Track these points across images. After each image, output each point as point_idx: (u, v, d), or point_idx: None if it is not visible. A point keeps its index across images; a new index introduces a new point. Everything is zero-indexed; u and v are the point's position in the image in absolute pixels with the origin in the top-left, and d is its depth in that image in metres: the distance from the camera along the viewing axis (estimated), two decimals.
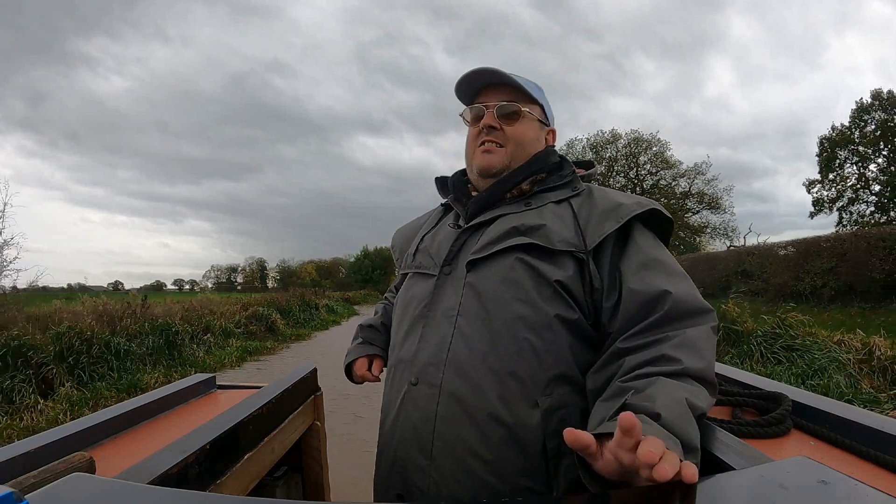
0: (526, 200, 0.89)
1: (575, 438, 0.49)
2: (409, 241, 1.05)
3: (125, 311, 6.90)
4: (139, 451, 0.83)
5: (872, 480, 0.61)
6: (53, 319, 6.06)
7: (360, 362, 1.07)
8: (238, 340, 8.95)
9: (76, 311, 6.72)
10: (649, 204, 0.83)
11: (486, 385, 0.74)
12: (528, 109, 0.93)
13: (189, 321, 8.17)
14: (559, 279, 0.77)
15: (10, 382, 4.53)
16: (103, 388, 5.18)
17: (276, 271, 64.96)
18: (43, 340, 5.26)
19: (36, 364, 4.89)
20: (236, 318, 10.02)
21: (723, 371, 1.11)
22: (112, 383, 5.39)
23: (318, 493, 1.36)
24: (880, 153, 18.49)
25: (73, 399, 4.75)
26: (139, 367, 6.06)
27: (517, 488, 0.72)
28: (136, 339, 6.50)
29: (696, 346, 0.68)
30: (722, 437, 0.69)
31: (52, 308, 6.82)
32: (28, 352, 4.88)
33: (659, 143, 25.68)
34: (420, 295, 0.88)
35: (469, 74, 0.94)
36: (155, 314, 7.62)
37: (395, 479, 0.81)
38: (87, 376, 5.31)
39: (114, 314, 6.70)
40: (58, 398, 4.67)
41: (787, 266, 11.40)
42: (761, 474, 0.48)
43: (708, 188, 24.58)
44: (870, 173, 18.76)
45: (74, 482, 0.52)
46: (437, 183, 1.07)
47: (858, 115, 19.22)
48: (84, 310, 6.67)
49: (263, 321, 10.67)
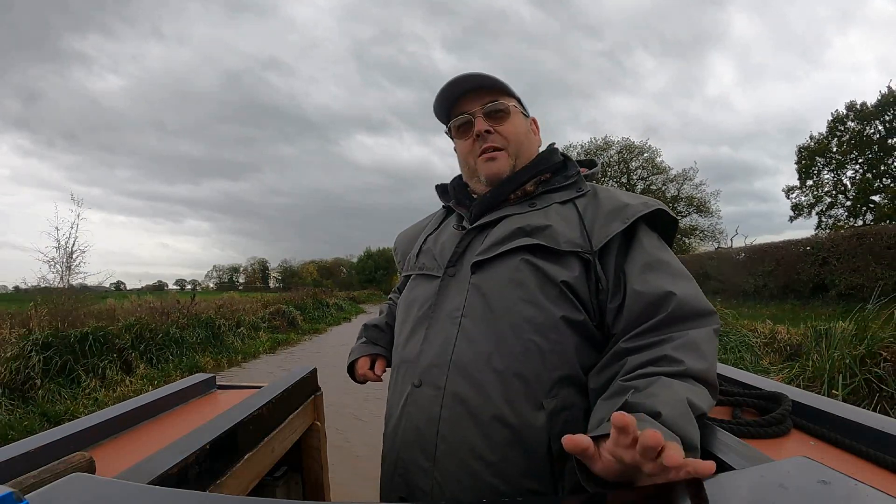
0: (530, 201, 0.88)
1: (574, 444, 0.49)
2: (411, 244, 1.04)
3: (173, 308, 8.40)
4: (139, 451, 0.83)
5: (872, 480, 0.61)
6: (113, 315, 7.41)
7: (362, 361, 1.07)
8: (266, 333, 10.37)
9: (129, 307, 8.33)
10: (655, 204, 0.82)
11: (491, 386, 0.74)
12: (512, 104, 0.92)
13: (224, 316, 9.40)
14: (565, 280, 0.77)
15: (101, 363, 5.72)
16: (170, 368, 6.47)
17: (277, 271, 65.02)
18: (117, 330, 6.46)
19: (118, 349, 6.17)
20: (260, 314, 11.42)
21: (723, 371, 1.11)
22: (176, 365, 6.63)
23: (318, 493, 1.36)
24: (855, 161, 19.98)
25: (149, 376, 6.00)
26: (192, 352, 7.40)
27: (521, 490, 0.72)
28: (187, 330, 7.82)
29: (699, 347, 0.68)
30: (722, 437, 0.69)
31: (108, 305, 8.12)
32: (113, 339, 6.19)
33: (649, 149, 26.89)
34: (424, 296, 0.87)
35: (443, 90, 0.92)
36: (197, 310, 8.96)
37: (398, 481, 0.80)
38: (156, 359, 6.61)
39: (164, 310, 8.11)
40: (136, 376, 5.90)
41: (739, 269, 13.38)
42: (761, 474, 0.48)
43: (696, 192, 25.83)
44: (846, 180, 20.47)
45: (74, 482, 0.52)
46: (437, 190, 1.07)
47: (834, 125, 20.54)
48: (136, 306, 8.44)
49: (285, 317, 12.12)
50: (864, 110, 19.31)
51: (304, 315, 13.34)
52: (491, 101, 0.90)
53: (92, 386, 5.28)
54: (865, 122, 19.39)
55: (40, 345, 5.29)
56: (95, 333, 5.96)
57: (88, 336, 5.85)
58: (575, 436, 0.50)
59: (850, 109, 19.72)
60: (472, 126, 0.91)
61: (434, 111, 0.96)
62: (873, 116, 18.98)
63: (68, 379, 5.26)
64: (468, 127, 0.92)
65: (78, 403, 4.76)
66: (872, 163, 19.39)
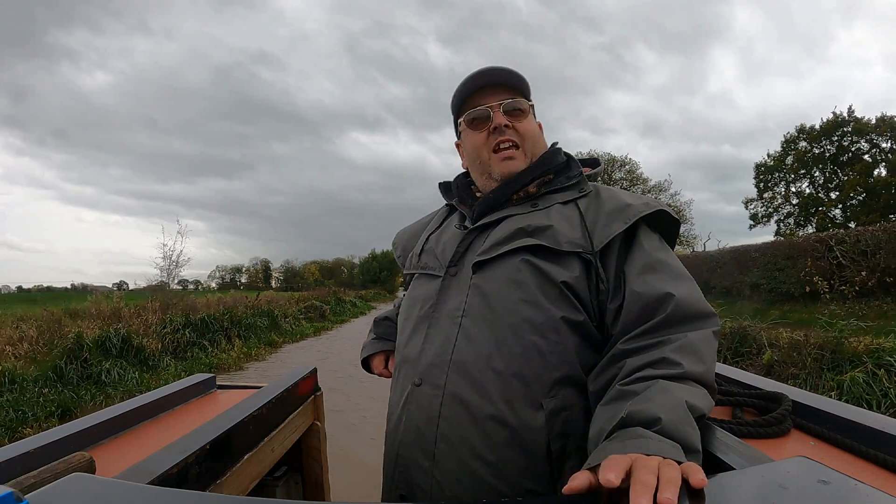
0: (533, 201, 0.88)
1: (577, 488, 0.49)
2: (412, 240, 1.04)
3: (243, 302, 11.85)
4: (139, 451, 0.83)
5: (872, 480, 0.61)
6: (195, 307, 10.13)
7: (377, 361, 1.08)
8: (306, 322, 13.56)
9: (208, 301, 11.48)
10: (657, 205, 0.82)
11: (491, 386, 0.74)
12: (529, 105, 0.92)
13: (275, 309, 12.47)
14: (566, 280, 0.76)
15: (216, 338, 8.75)
16: (255, 343, 9.47)
17: (279, 272, 65.10)
18: (220, 317, 9.38)
19: (222, 329, 9.10)
20: (294, 308, 14.57)
21: (723, 371, 1.11)
22: (256, 342, 9.57)
23: (318, 493, 1.36)
24: (803, 177, 24.11)
25: (248, 346, 9.04)
26: (264, 333, 10.41)
27: (520, 490, 0.72)
28: (256, 318, 10.85)
29: (698, 350, 0.67)
30: (722, 437, 0.69)
31: (189, 299, 10.90)
32: (218, 322, 9.13)
33: (630, 162, 29.86)
34: (425, 295, 0.87)
35: (468, 79, 0.91)
36: (257, 304, 12.17)
37: (399, 480, 0.80)
38: (244, 337, 9.56)
39: (236, 304, 11.39)
40: (237, 347, 8.75)
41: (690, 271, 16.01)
42: (761, 474, 0.48)
43: (672, 201, 27.72)
44: (792, 195, 24.72)
45: (74, 482, 0.52)
46: (440, 188, 1.06)
47: (787, 145, 24.34)
48: (215, 301, 11.78)
49: (317, 310, 15.50)
50: (811, 133, 23.11)
51: (330, 309, 16.81)
52: (511, 99, 0.90)
53: (214, 353, 8.13)
54: (813, 142, 23.11)
55: (182, 325, 8.37)
56: (209, 318, 8.99)
57: (206, 320, 8.89)
58: (574, 483, 0.49)
59: (801, 132, 23.64)
60: (488, 119, 0.90)
61: (452, 101, 0.95)
62: (823, 136, 22.54)
63: (200, 346, 8.21)
64: (484, 120, 0.91)
65: (213, 358, 7.77)
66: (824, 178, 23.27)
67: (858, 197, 21.67)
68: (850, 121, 21.54)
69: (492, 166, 0.91)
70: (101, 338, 6.61)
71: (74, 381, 5.68)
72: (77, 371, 5.82)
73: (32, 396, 5.04)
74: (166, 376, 6.41)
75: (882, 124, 20.88)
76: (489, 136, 0.90)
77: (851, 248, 10.10)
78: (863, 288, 8.96)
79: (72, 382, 5.65)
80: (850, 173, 21.56)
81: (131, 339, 6.94)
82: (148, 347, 7.10)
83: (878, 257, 9.64)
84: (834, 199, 22.48)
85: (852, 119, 21.47)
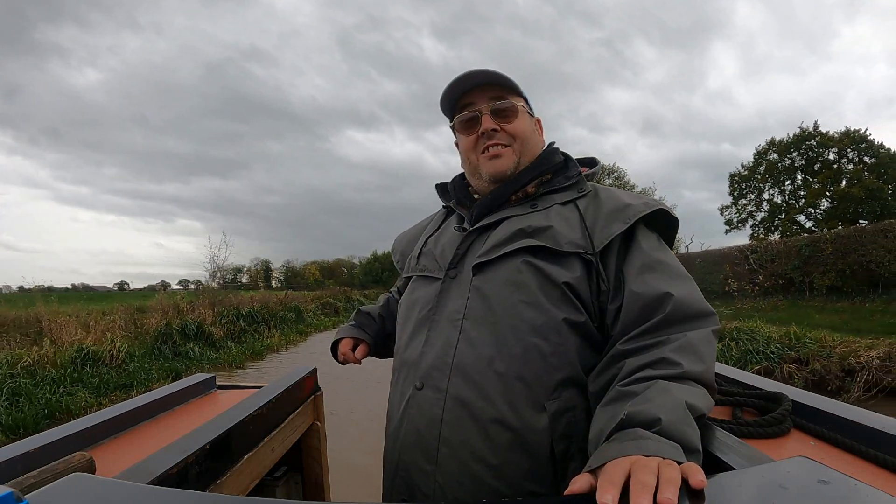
0: (532, 202, 0.87)
1: (578, 492, 0.50)
2: (410, 244, 1.04)
3: (273, 300, 14.24)
4: (139, 451, 0.83)
5: (872, 480, 0.61)
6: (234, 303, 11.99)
7: (346, 342, 1.07)
8: (325, 317, 16.12)
9: (244, 298, 13.17)
10: (656, 205, 0.82)
11: (493, 389, 0.73)
12: (520, 103, 0.91)
13: (300, 305, 15.09)
14: (567, 281, 0.76)
15: (259, 328, 11.21)
16: (290, 332, 11.82)
17: (280, 272, 65.10)
18: (259, 310, 11.97)
19: (264, 321, 11.72)
20: (312, 305, 17.01)
21: (723, 371, 1.11)
22: (289, 331, 11.91)
23: (318, 492, 1.36)
24: (773, 187, 26.00)
25: (283, 333, 11.46)
26: (295, 325, 12.95)
27: (523, 493, 0.71)
28: (285, 312, 13.33)
29: (697, 349, 0.67)
30: (722, 437, 0.69)
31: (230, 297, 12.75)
32: (257, 316, 11.66)
33: (618, 170, 30.69)
34: (425, 298, 0.86)
35: (451, 84, 0.91)
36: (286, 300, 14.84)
37: (400, 484, 0.80)
38: (279, 328, 12.01)
39: (265, 300, 13.78)
40: (275, 336, 10.99)
41: None
42: (761, 474, 0.48)
43: None
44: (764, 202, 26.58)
45: (74, 482, 0.52)
46: (437, 189, 1.06)
47: (760, 156, 26.04)
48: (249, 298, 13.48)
49: (332, 307, 18.43)
50: (780, 145, 25.08)
51: (342, 306, 19.26)
52: (499, 98, 0.89)
53: (260, 339, 10.36)
54: (782, 154, 24.96)
55: (236, 317, 10.69)
56: (253, 311, 11.59)
57: (251, 313, 11.49)
58: (574, 486, 0.50)
59: (771, 144, 25.61)
60: (477, 122, 0.90)
61: (440, 104, 0.95)
62: (792, 148, 24.43)
63: (250, 333, 10.53)
64: (473, 122, 0.91)
65: (263, 343, 9.98)
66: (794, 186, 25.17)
67: (823, 205, 23.81)
68: (815, 135, 23.70)
69: (480, 167, 0.91)
70: (182, 326, 8.99)
71: (170, 357, 7.96)
72: (171, 350, 8.26)
73: (148, 365, 7.15)
74: (232, 355, 8.54)
75: (845, 138, 22.66)
76: (478, 139, 0.90)
77: (760, 256, 13.13)
78: (762, 288, 12.41)
79: (168, 357, 7.90)
80: (816, 183, 23.48)
81: (203, 328, 9.29)
82: (215, 334, 9.36)
83: (775, 264, 12.73)
84: (798, 208, 24.58)
85: (818, 133, 23.64)
